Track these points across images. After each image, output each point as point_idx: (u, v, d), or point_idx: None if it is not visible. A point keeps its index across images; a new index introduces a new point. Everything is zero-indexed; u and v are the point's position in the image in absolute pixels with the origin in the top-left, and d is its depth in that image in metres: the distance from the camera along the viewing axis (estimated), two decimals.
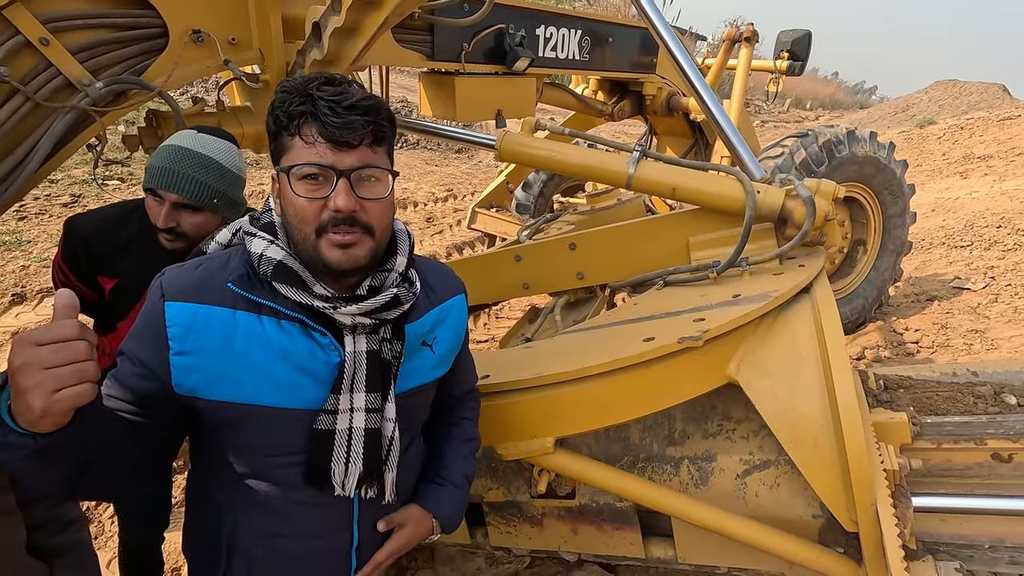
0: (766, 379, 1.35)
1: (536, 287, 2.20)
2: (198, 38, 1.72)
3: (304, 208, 0.86)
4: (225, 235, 1.01)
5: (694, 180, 1.72)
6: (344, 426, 0.92)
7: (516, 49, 2.64)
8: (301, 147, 0.86)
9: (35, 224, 5.18)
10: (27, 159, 1.49)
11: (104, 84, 1.57)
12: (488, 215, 4.16)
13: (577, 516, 1.70)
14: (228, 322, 0.88)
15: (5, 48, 1.43)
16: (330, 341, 0.91)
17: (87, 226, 1.58)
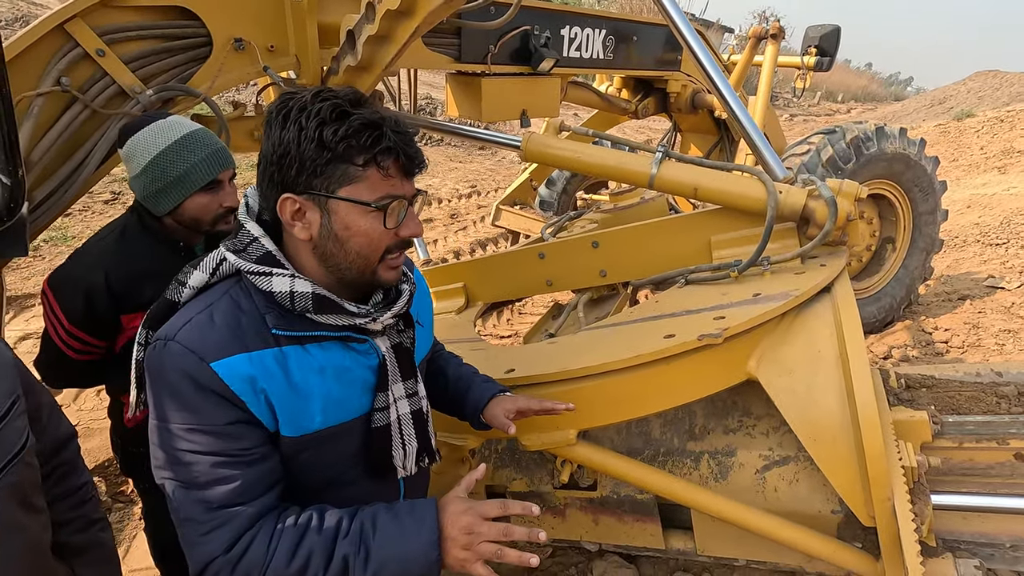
0: (785, 376, 1.38)
1: (559, 284, 2.24)
2: (239, 46, 1.81)
3: (382, 238, 0.89)
4: (201, 277, 0.92)
5: (716, 180, 1.74)
6: (395, 416, 1.00)
7: (541, 50, 2.67)
8: (378, 179, 0.86)
9: (79, 220, 5.42)
10: (85, 162, 1.61)
11: (154, 91, 1.68)
12: (512, 212, 4.21)
13: (598, 507, 1.75)
14: (280, 360, 0.88)
15: (67, 60, 1.54)
16: (368, 346, 0.97)
17: (97, 264, 1.41)
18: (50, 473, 0.91)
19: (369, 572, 0.85)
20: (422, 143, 10.40)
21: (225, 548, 0.83)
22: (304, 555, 0.84)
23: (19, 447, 0.78)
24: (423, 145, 10.28)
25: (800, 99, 22.27)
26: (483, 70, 2.58)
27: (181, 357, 0.83)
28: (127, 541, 2.49)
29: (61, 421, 0.96)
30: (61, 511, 0.93)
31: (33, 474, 0.82)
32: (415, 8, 1.62)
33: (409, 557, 0.85)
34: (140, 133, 1.37)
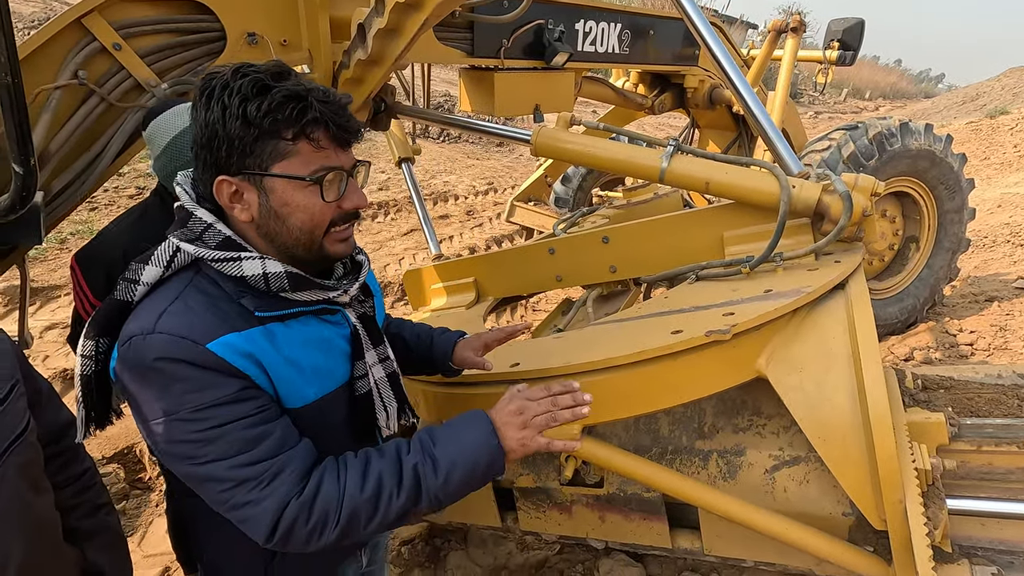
0: (795, 374, 1.35)
1: (569, 280, 2.22)
2: (253, 40, 1.83)
3: (323, 211, 0.87)
4: (154, 272, 0.88)
5: (728, 174, 1.71)
6: (372, 382, 1.05)
7: (555, 44, 2.65)
8: (310, 152, 0.84)
9: (104, 214, 5.55)
10: (101, 155, 1.64)
11: (169, 85, 1.70)
12: (526, 209, 4.21)
13: (605, 504, 1.73)
14: (269, 337, 0.88)
15: (84, 53, 1.56)
16: (340, 317, 1.00)
17: (118, 240, 1.47)
18: (52, 458, 0.93)
19: (440, 475, 0.89)
20: (440, 139, 10.44)
21: (296, 491, 0.83)
22: (375, 478, 0.86)
23: (22, 427, 0.80)
24: (441, 142, 10.32)
25: (825, 96, 21.79)
26: (496, 64, 2.57)
27: (173, 344, 0.80)
28: (143, 527, 2.55)
29: (60, 408, 0.98)
30: (66, 497, 0.95)
31: (37, 455, 0.84)
32: (423, 1, 1.62)
33: (473, 450, 0.90)
34: (162, 115, 1.44)
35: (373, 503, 0.86)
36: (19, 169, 1.06)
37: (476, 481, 0.92)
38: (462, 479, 0.90)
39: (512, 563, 2.41)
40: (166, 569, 2.31)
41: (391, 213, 6.89)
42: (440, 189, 7.95)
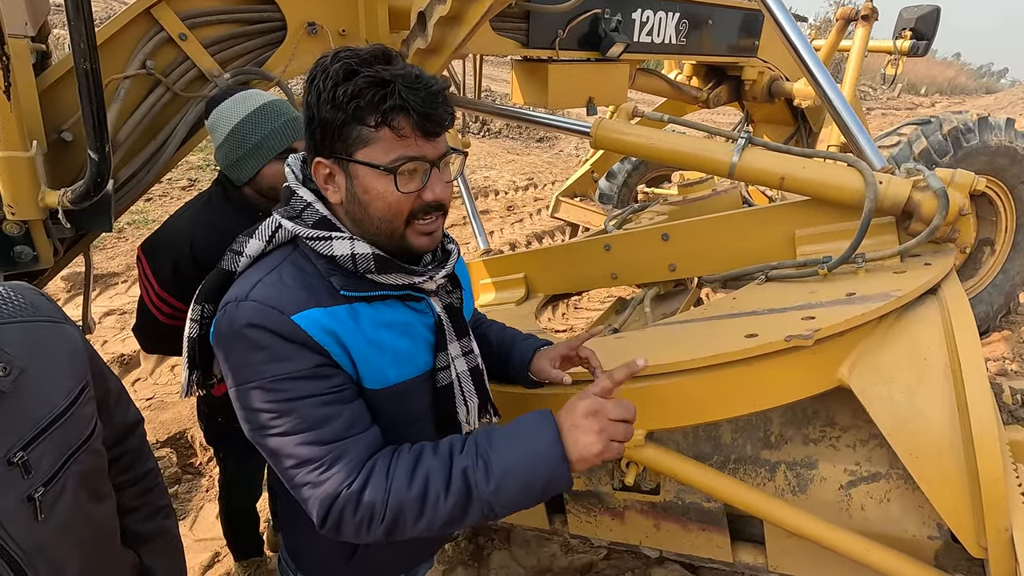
0: (883, 385, 1.25)
1: (624, 278, 2.15)
2: (312, 30, 1.82)
3: (401, 201, 0.86)
4: (256, 244, 0.92)
5: (806, 169, 1.61)
6: (455, 374, 1.02)
7: (611, 35, 2.57)
8: (391, 140, 0.83)
9: (158, 205, 5.74)
10: (166, 144, 1.65)
11: (231, 75, 1.70)
12: (572, 204, 4.14)
13: (661, 512, 1.67)
14: (353, 316, 0.89)
15: (152, 43, 1.58)
16: (425, 305, 0.98)
17: (185, 230, 1.49)
18: (117, 459, 0.92)
19: (492, 483, 0.81)
20: (480, 134, 10.43)
21: (348, 481, 0.82)
22: (422, 476, 0.82)
23: (87, 435, 0.78)
24: (481, 136, 10.32)
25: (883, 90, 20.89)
26: (550, 56, 2.51)
27: (260, 312, 0.82)
28: (195, 511, 2.61)
29: (129, 407, 0.96)
30: (128, 498, 0.94)
31: (100, 461, 0.82)
32: None
33: (530, 459, 0.82)
34: (223, 104, 1.45)
35: (419, 503, 0.82)
36: (94, 156, 1.06)
37: (535, 494, 0.83)
38: (518, 489, 0.82)
39: (556, 566, 2.36)
40: (216, 554, 2.35)
41: None
42: (480, 184, 7.94)
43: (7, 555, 0.66)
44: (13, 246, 1.20)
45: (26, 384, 0.70)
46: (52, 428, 0.72)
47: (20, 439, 0.68)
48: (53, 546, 0.71)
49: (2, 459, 0.66)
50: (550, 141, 10.72)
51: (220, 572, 2.28)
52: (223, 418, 1.71)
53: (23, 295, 0.77)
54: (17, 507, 0.67)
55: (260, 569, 2.19)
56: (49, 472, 0.71)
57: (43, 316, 0.77)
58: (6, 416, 0.68)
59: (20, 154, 1.12)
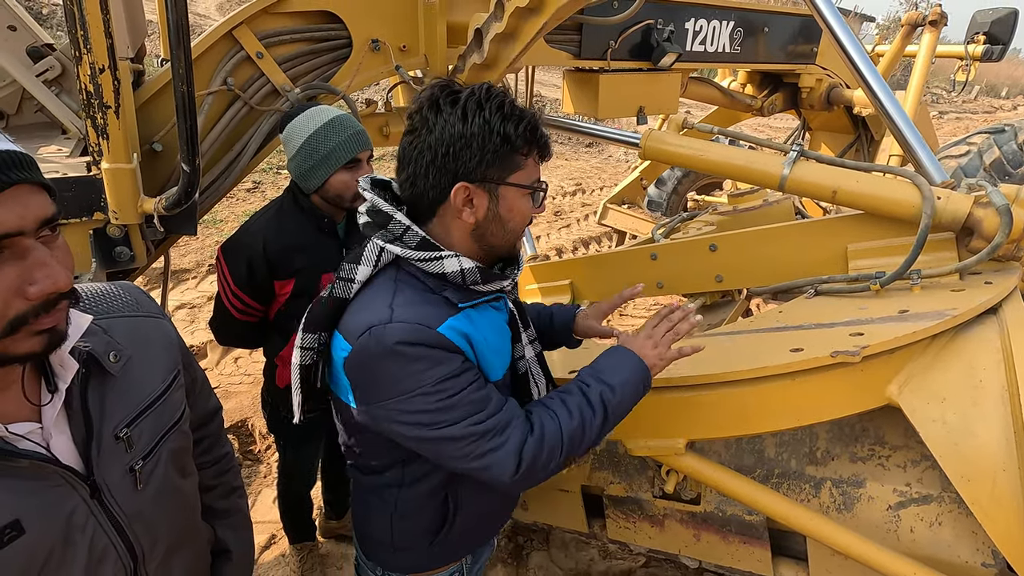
0: (935, 405, 1.23)
1: (671, 287, 2.16)
2: (376, 47, 1.93)
3: (527, 216, 1.04)
4: (366, 271, 1.00)
5: (860, 183, 1.58)
6: (528, 360, 1.17)
7: (663, 44, 2.59)
8: (532, 167, 1.01)
9: (226, 207, 6.09)
10: (242, 154, 1.80)
11: (301, 90, 1.83)
12: (620, 211, 4.14)
13: (701, 523, 1.67)
14: (470, 322, 1.01)
15: (233, 62, 1.72)
16: (502, 304, 1.13)
17: (259, 234, 1.59)
18: (198, 442, 1.01)
19: (617, 396, 1.06)
20: None
21: (528, 431, 1.00)
22: (576, 410, 1.03)
23: (178, 416, 0.87)
24: None
25: (951, 94, 19.68)
26: (602, 66, 2.54)
27: (410, 331, 0.93)
28: (253, 495, 2.77)
29: (211, 396, 1.06)
30: (207, 477, 1.03)
31: (187, 441, 0.91)
32: (544, 5, 1.63)
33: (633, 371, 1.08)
34: (296, 119, 1.57)
35: (581, 429, 1.02)
36: (187, 167, 1.19)
37: (639, 395, 1.11)
38: (632, 395, 1.09)
39: (594, 570, 2.38)
40: (272, 536, 2.50)
41: None
42: None
43: (113, 518, 0.75)
44: (114, 247, 1.36)
45: (131, 370, 0.80)
46: (150, 409, 0.82)
47: (126, 417, 0.78)
48: (148, 513, 0.80)
49: (111, 434, 0.76)
50: (599, 146, 10.67)
51: (275, 553, 2.42)
52: (284, 409, 1.83)
53: (129, 293, 0.88)
54: (122, 476, 0.77)
55: (312, 553, 2.31)
56: (147, 448, 0.80)
57: (145, 312, 0.88)
58: (116, 397, 0.77)
59: (124, 166, 1.27)
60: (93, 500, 0.73)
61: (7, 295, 0.60)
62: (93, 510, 0.73)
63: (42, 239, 0.63)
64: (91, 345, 0.74)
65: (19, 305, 0.61)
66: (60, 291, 0.63)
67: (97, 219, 1.31)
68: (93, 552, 0.73)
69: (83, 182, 1.28)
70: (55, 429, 0.71)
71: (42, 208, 0.63)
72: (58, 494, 0.70)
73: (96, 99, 1.16)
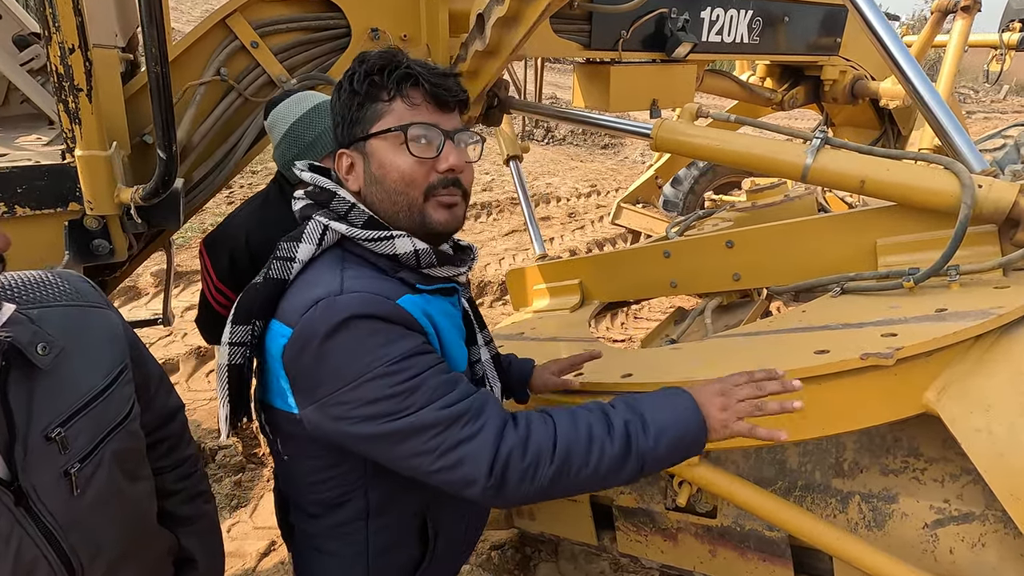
0: (980, 414, 1.11)
1: (684, 286, 2.05)
2: (375, 36, 1.86)
3: (415, 170, 0.86)
4: (308, 249, 0.88)
5: (890, 171, 1.46)
6: (484, 366, 1.06)
7: (677, 35, 2.48)
8: (403, 110, 0.86)
9: (237, 205, 6.11)
10: (237, 146, 1.74)
11: (298, 80, 1.77)
12: (634, 211, 4.03)
13: (717, 538, 1.56)
14: (424, 307, 0.89)
15: (226, 52, 1.67)
16: (456, 298, 1.02)
17: (241, 226, 1.54)
18: (158, 443, 0.95)
19: (651, 437, 0.85)
20: (544, 141, 10.43)
21: (511, 423, 0.83)
22: (585, 422, 0.85)
23: (123, 415, 0.80)
24: (545, 144, 10.30)
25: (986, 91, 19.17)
26: (613, 58, 2.44)
27: (365, 301, 0.81)
28: (255, 500, 2.72)
29: (170, 394, 0.99)
30: (168, 482, 0.97)
31: (137, 443, 0.84)
32: None
33: (682, 418, 0.86)
34: (280, 105, 1.50)
35: (586, 446, 0.82)
36: (162, 155, 1.12)
37: (681, 452, 0.88)
38: (671, 445, 0.86)
39: None
40: (272, 542, 2.44)
41: (493, 213, 6.97)
42: (542, 191, 7.92)
43: (44, 527, 0.69)
44: (92, 239, 1.30)
45: (65, 363, 0.73)
46: (90, 407, 0.75)
47: (58, 416, 0.71)
48: (87, 521, 0.73)
49: (40, 434, 0.69)
50: (615, 148, 10.56)
51: (275, 560, 2.36)
52: None
53: (68, 282, 0.81)
54: (54, 481, 0.70)
55: None
56: (85, 449, 0.73)
57: (84, 301, 0.80)
58: (45, 393, 0.71)
59: (99, 153, 1.21)
60: (18, 508, 0.67)
61: None
62: (18, 518, 0.67)
63: None
64: (13, 335, 0.67)
65: None
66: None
67: (73, 210, 1.25)
68: (19, 565, 0.66)
69: (56, 170, 1.22)
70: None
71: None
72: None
73: (67, 81, 1.10)
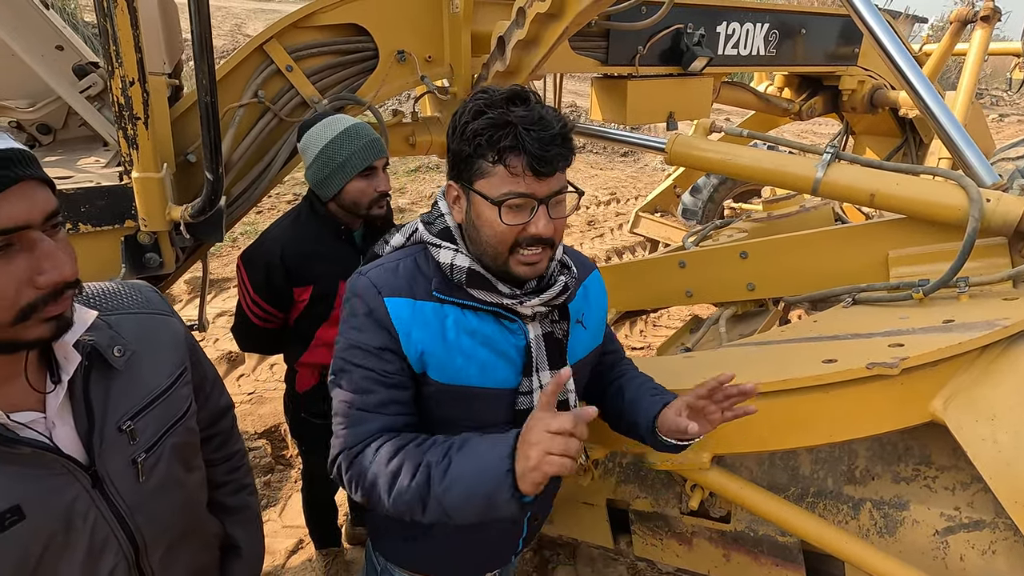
0: (985, 423, 1.13)
1: (700, 296, 2.10)
2: (401, 58, 1.96)
3: (504, 232, 0.94)
4: (399, 239, 1.07)
5: (900, 185, 1.49)
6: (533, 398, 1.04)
7: (693, 49, 2.53)
8: (504, 176, 0.91)
9: (267, 218, 6.30)
10: (271, 164, 1.84)
11: (329, 101, 1.87)
12: (652, 220, 4.06)
13: (731, 542, 1.59)
14: (440, 314, 0.99)
15: (263, 75, 1.77)
16: (518, 326, 1.03)
17: (276, 242, 1.61)
18: (210, 439, 1.03)
19: (443, 484, 0.88)
20: None
21: (350, 445, 0.97)
22: (400, 459, 0.92)
23: (183, 412, 0.89)
24: None
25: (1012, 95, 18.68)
26: (630, 72, 2.51)
27: (363, 286, 0.99)
28: (283, 500, 2.82)
29: (222, 394, 1.08)
30: (218, 474, 1.05)
31: (193, 437, 0.93)
32: (564, 10, 1.62)
33: (483, 468, 0.86)
34: (313, 128, 1.60)
35: (390, 481, 0.91)
36: (210, 176, 1.22)
37: (477, 506, 0.86)
38: (462, 497, 0.86)
39: None
40: (300, 541, 2.52)
41: None
42: None
43: (115, 509, 0.77)
44: (144, 253, 1.41)
45: (136, 364, 0.82)
46: (155, 403, 0.84)
47: (129, 410, 0.80)
48: (151, 505, 0.82)
49: (114, 426, 0.78)
50: (634, 155, 10.56)
51: (303, 558, 2.45)
52: (306, 413, 1.86)
53: (139, 291, 0.91)
54: (124, 468, 0.79)
55: (337, 559, 2.32)
56: (150, 441, 0.82)
57: (153, 309, 0.90)
58: (119, 390, 0.80)
59: (153, 175, 1.32)
60: (94, 490, 0.75)
61: (19, 284, 0.63)
62: (95, 499, 0.75)
63: (47, 232, 0.66)
64: (95, 339, 0.76)
65: (29, 294, 0.64)
66: (67, 280, 0.66)
67: (128, 226, 1.37)
68: (94, 541, 0.74)
69: (115, 191, 1.34)
70: (58, 420, 0.74)
71: (47, 202, 0.65)
72: (59, 482, 0.72)
73: (127, 111, 1.21)
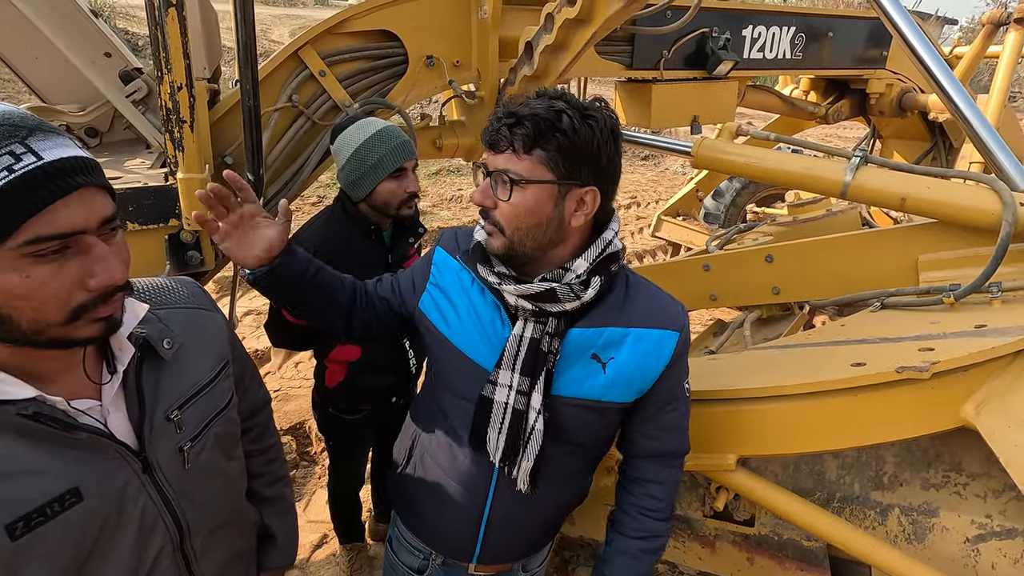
0: (1019, 429, 1.12)
1: (724, 299, 2.09)
2: (430, 63, 2.00)
3: (473, 195, 1.04)
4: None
5: (931, 189, 1.48)
6: (501, 399, 1.02)
7: (719, 53, 2.53)
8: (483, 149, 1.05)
9: (297, 218, 6.40)
10: (304, 166, 1.90)
11: (360, 105, 1.92)
12: (674, 223, 4.05)
13: (755, 546, 1.59)
14: (455, 273, 1.12)
15: (297, 80, 1.83)
16: (508, 318, 1.05)
17: (310, 242, 1.63)
18: (248, 430, 1.07)
19: None
20: None
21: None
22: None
23: (225, 404, 0.93)
24: None
25: None
26: (655, 76, 2.52)
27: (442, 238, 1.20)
28: (308, 495, 2.87)
29: (260, 388, 1.12)
30: (255, 465, 1.09)
31: (234, 428, 0.97)
32: (593, 15, 1.64)
33: None
34: (346, 131, 1.64)
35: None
36: (251, 177, 1.27)
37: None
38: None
39: None
40: (324, 535, 2.57)
41: None
42: None
43: (163, 494, 0.81)
44: (186, 251, 1.46)
45: (183, 357, 0.86)
46: (200, 394, 0.87)
47: (177, 400, 0.84)
48: (195, 491, 0.86)
49: (163, 415, 0.82)
50: (655, 159, 10.51)
51: (327, 552, 2.49)
52: (334, 408, 1.90)
53: (186, 288, 0.95)
54: (171, 455, 0.82)
55: (361, 554, 2.36)
56: (196, 430, 0.86)
57: (199, 305, 0.94)
58: (168, 381, 0.84)
59: (197, 176, 1.37)
60: (145, 475, 0.79)
61: (71, 287, 0.67)
62: (145, 484, 0.79)
63: (102, 236, 0.69)
64: (147, 331, 0.81)
65: (81, 296, 0.68)
66: (116, 284, 0.69)
67: (172, 225, 1.42)
68: (144, 523, 0.78)
69: (161, 191, 1.40)
70: (113, 408, 0.78)
71: (104, 208, 0.69)
72: (113, 467, 0.76)
73: (174, 115, 1.27)
